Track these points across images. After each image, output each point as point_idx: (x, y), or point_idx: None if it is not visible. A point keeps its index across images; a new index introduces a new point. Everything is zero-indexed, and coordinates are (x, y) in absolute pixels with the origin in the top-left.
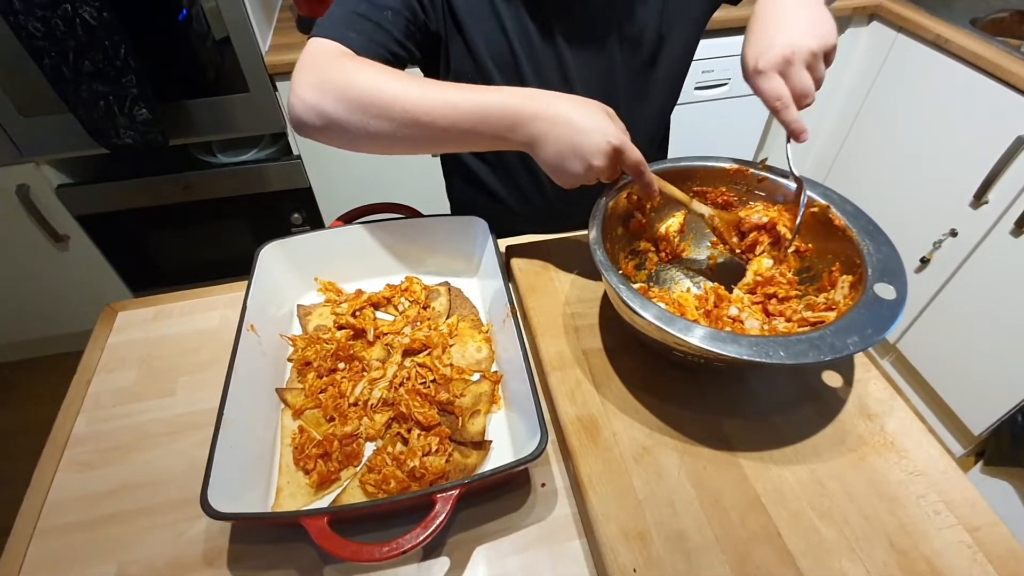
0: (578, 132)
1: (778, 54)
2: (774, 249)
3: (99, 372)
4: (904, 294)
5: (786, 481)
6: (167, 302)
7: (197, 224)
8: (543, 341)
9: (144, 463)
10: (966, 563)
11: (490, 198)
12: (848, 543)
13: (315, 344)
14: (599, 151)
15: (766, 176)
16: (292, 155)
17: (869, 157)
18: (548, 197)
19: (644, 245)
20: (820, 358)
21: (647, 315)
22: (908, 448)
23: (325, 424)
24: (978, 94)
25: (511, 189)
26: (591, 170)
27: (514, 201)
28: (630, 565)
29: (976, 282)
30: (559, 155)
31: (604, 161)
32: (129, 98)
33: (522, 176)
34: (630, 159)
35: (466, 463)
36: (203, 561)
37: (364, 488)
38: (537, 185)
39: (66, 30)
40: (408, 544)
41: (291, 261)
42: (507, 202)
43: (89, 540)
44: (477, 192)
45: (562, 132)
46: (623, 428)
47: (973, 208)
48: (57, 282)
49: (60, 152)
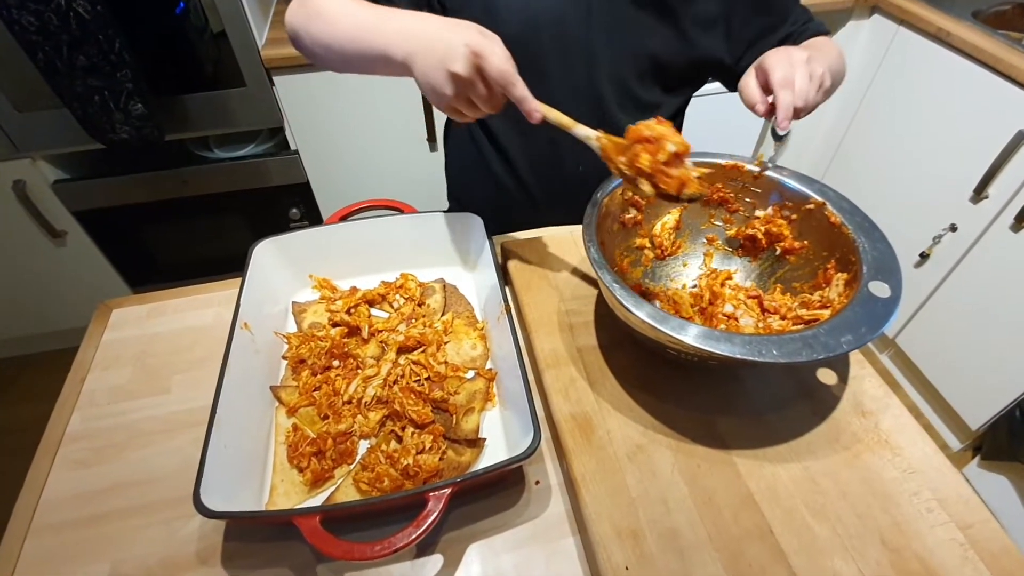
0: (440, 41)
1: (789, 56)
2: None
3: (94, 369)
4: (899, 292)
5: (779, 479)
6: (161, 299)
7: (194, 219)
8: (538, 338)
9: (138, 461)
10: (958, 561)
11: (488, 177)
12: (841, 541)
13: (309, 342)
14: (457, 56)
15: (762, 173)
16: (290, 150)
17: (869, 151)
18: (548, 178)
19: (640, 241)
20: (813, 357)
21: (640, 314)
22: (902, 446)
23: (319, 422)
24: (979, 88)
25: (510, 171)
26: (455, 80)
27: (512, 182)
28: (623, 563)
29: (975, 277)
30: (425, 69)
31: (464, 67)
32: (124, 93)
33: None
34: (493, 68)
35: (460, 461)
36: (197, 560)
37: (358, 486)
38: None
39: (60, 24)
40: (400, 543)
41: (285, 258)
42: (505, 181)
43: (83, 538)
44: (476, 173)
45: (428, 44)
46: (617, 426)
47: (973, 203)
48: (54, 278)
49: (56, 147)
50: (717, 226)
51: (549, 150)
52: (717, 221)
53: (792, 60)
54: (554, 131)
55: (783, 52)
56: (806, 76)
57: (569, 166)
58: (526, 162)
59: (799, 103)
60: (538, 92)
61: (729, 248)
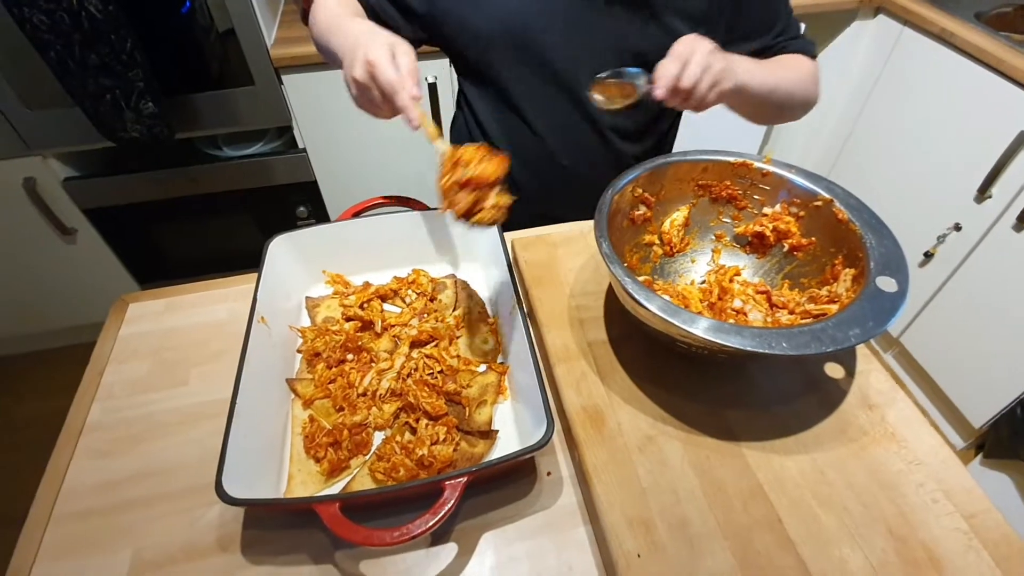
0: (356, 48)
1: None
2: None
3: (112, 363)
4: (906, 287)
5: (788, 470)
6: (177, 294)
7: (203, 217)
8: (549, 333)
9: (158, 451)
10: (962, 549)
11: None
12: (848, 530)
13: (324, 335)
14: (357, 63)
15: (770, 170)
16: (298, 148)
17: (873, 150)
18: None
19: (649, 238)
20: (822, 349)
21: (652, 307)
22: (908, 438)
23: (335, 414)
24: (982, 88)
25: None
26: (354, 84)
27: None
28: (634, 551)
29: (979, 276)
30: (344, 69)
31: (360, 74)
32: (135, 92)
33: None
34: (382, 78)
35: (473, 452)
36: (217, 546)
37: (373, 476)
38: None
39: (71, 23)
40: (418, 529)
41: (299, 253)
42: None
43: (104, 526)
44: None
45: (351, 49)
46: (627, 418)
47: (977, 202)
48: (64, 275)
49: (67, 145)
50: (726, 223)
51: (536, 146)
52: (726, 218)
53: (696, 46)
54: (539, 128)
55: (694, 38)
56: (700, 65)
57: (556, 161)
58: (516, 159)
59: (685, 83)
60: (524, 87)
61: (737, 245)
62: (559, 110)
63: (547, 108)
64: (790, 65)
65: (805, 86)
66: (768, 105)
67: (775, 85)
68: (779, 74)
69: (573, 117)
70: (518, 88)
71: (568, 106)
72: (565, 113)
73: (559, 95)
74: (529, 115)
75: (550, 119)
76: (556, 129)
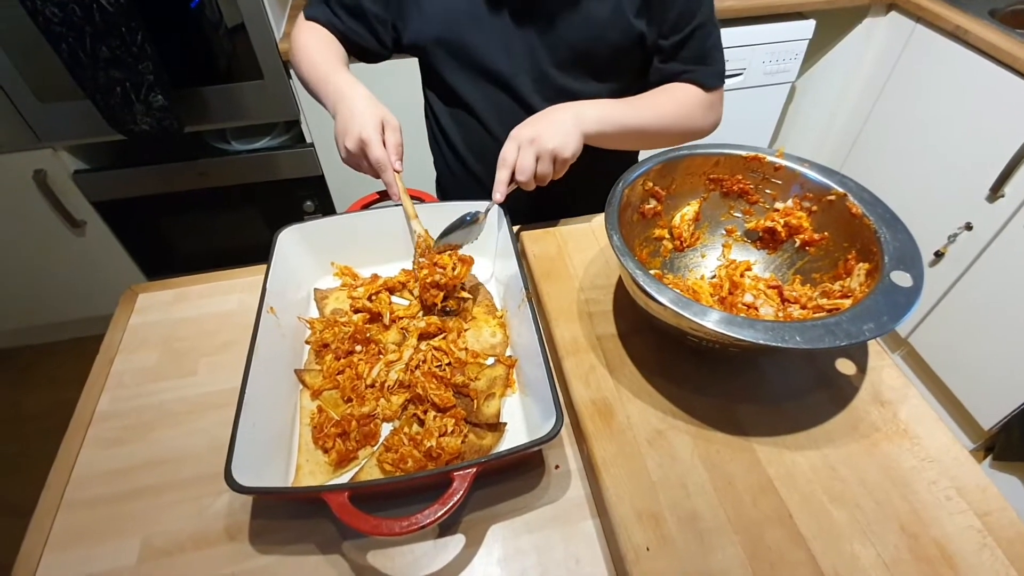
0: (351, 119)
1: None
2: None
3: (121, 352)
4: (921, 282)
5: (798, 466)
6: (186, 285)
7: (211, 211)
8: (557, 326)
9: (167, 440)
10: (976, 547)
11: (474, 182)
12: (860, 527)
13: (333, 327)
14: (352, 136)
15: (782, 164)
16: (305, 143)
17: (885, 148)
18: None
19: (659, 232)
20: (835, 343)
21: (663, 300)
22: (921, 435)
23: (343, 405)
24: (996, 86)
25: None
26: (348, 153)
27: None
28: (643, 544)
29: (990, 277)
30: (337, 129)
31: (353, 146)
32: (145, 85)
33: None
34: (372, 154)
35: (481, 444)
36: (225, 535)
37: (382, 467)
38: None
39: (83, 15)
40: (426, 520)
41: (308, 245)
42: (455, 169)
43: (114, 514)
44: (462, 176)
45: (346, 114)
46: (637, 412)
47: (989, 202)
48: (74, 267)
49: (77, 138)
50: (736, 217)
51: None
52: (737, 212)
53: (519, 137)
54: (489, 126)
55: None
56: (529, 156)
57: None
58: (475, 158)
59: (522, 178)
60: (468, 86)
61: (748, 240)
62: (497, 101)
63: (488, 100)
64: (673, 97)
65: (683, 120)
66: (639, 141)
67: (642, 124)
68: (653, 112)
69: (510, 109)
70: (468, 84)
71: (504, 97)
72: (502, 105)
73: (498, 88)
74: (480, 115)
75: (499, 118)
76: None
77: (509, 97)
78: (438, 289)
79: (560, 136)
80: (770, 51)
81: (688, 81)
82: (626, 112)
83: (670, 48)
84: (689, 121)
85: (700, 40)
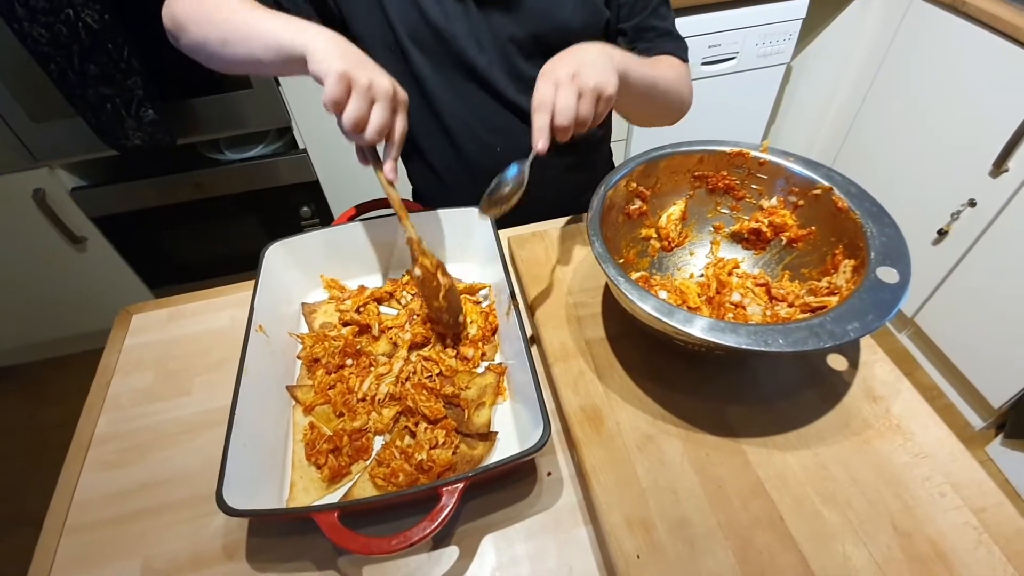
0: (361, 56)
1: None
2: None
3: (117, 374)
4: (907, 278)
5: (789, 466)
6: (179, 303)
7: (209, 220)
8: (546, 332)
9: (164, 461)
10: (971, 544)
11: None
12: (852, 527)
13: (323, 341)
14: (366, 67)
15: (767, 159)
16: (298, 149)
17: (884, 125)
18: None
19: (646, 232)
20: (819, 345)
21: (646, 307)
22: (914, 430)
23: (335, 419)
24: (997, 58)
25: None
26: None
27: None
28: (634, 552)
29: (996, 253)
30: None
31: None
32: (135, 100)
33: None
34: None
35: (473, 455)
36: (223, 554)
37: (374, 481)
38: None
39: (70, 34)
40: (416, 536)
41: (296, 260)
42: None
43: (115, 536)
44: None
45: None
46: (626, 417)
47: (992, 177)
48: (77, 283)
49: (72, 155)
50: (723, 214)
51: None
52: (724, 208)
53: (556, 74)
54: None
55: (551, 66)
56: (569, 95)
57: (495, 153)
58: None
59: (563, 122)
60: (441, 79)
61: (735, 241)
62: (473, 94)
63: (463, 94)
64: (666, 64)
65: (680, 87)
66: (648, 101)
67: (654, 80)
68: (657, 71)
69: (487, 100)
70: (439, 76)
71: (480, 90)
72: (478, 98)
73: (472, 81)
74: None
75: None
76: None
77: (488, 89)
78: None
79: (601, 72)
80: (763, 33)
81: (667, 52)
82: (641, 62)
83: (633, 30)
84: (684, 87)
85: (662, 18)
